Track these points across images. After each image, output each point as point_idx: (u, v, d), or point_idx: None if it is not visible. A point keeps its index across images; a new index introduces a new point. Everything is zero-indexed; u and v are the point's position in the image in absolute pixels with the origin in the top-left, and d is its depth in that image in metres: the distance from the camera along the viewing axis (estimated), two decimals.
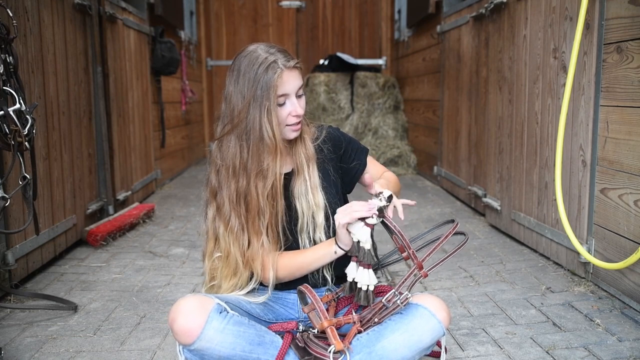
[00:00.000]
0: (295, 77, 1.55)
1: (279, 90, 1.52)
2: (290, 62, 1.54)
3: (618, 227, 2.05)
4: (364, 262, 1.47)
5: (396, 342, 1.40)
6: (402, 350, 1.40)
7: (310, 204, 1.61)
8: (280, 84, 1.52)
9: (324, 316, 1.46)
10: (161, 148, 4.61)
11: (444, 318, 1.44)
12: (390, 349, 1.40)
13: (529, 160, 2.73)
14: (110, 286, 2.36)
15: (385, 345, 1.40)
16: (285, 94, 1.54)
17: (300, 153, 1.62)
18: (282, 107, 1.55)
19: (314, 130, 1.70)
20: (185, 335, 1.37)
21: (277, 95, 1.52)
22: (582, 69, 2.22)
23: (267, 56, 1.53)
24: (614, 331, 1.84)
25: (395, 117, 5.75)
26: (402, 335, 1.41)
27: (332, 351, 1.42)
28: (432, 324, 1.43)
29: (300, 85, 1.57)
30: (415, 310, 1.45)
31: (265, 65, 1.52)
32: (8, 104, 1.72)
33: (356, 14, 6.66)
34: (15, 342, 1.83)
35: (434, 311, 1.44)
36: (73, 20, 2.90)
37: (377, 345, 1.41)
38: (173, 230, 3.27)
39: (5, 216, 2.16)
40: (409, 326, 1.42)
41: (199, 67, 6.28)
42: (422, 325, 1.42)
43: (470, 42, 3.69)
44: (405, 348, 1.40)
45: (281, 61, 1.53)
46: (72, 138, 2.85)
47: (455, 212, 3.65)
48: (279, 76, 1.51)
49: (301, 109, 1.57)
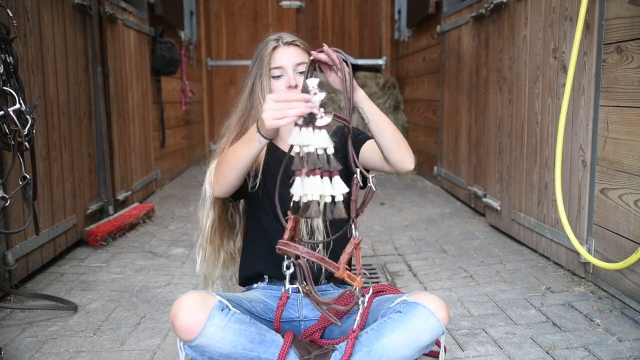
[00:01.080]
0: (293, 53, 1.64)
1: (273, 62, 1.63)
2: (288, 38, 1.65)
3: (618, 227, 2.05)
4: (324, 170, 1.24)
5: (395, 340, 1.40)
6: (402, 349, 1.40)
7: None
8: (275, 57, 1.63)
9: (334, 267, 1.33)
10: (161, 148, 4.61)
11: (444, 317, 1.44)
12: (389, 347, 1.40)
13: (529, 160, 2.73)
14: (110, 286, 2.36)
15: (384, 344, 1.40)
16: (279, 67, 1.63)
17: None
18: (277, 80, 1.64)
19: None
20: (187, 332, 1.37)
21: (270, 67, 1.63)
22: (582, 69, 2.22)
23: (271, 36, 1.67)
24: (614, 331, 1.84)
25: (395, 117, 5.75)
26: (402, 334, 1.41)
27: (357, 290, 1.38)
28: (431, 323, 1.42)
29: (300, 62, 1.63)
30: (415, 308, 1.44)
31: (266, 42, 1.66)
32: (8, 104, 1.72)
33: (356, 14, 6.66)
34: (15, 342, 1.83)
35: (433, 310, 1.44)
36: (73, 20, 2.90)
37: (376, 344, 1.41)
38: (173, 231, 3.27)
39: (5, 216, 2.16)
40: (409, 325, 1.42)
41: (199, 67, 6.28)
42: (422, 324, 1.42)
43: (470, 42, 3.69)
44: (405, 347, 1.40)
45: (281, 39, 1.65)
46: (72, 138, 2.85)
47: (455, 212, 3.65)
48: (274, 49, 1.63)
49: (296, 81, 1.61)
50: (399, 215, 3.61)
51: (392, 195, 4.29)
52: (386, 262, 2.65)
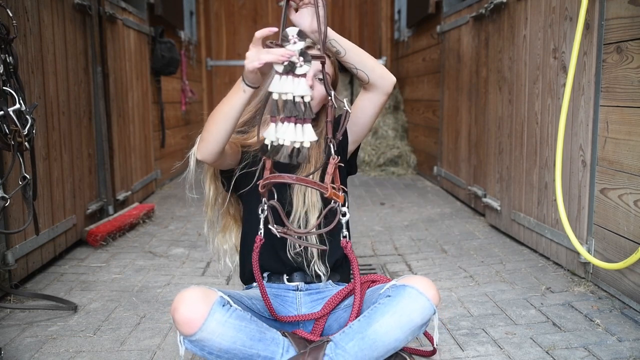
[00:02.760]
0: None
1: None
2: None
3: (618, 227, 2.05)
4: (298, 118, 1.30)
5: (387, 324, 1.41)
6: (395, 332, 1.41)
7: (306, 202, 1.62)
8: None
9: (322, 187, 1.42)
10: (161, 148, 4.61)
11: (433, 296, 1.45)
12: (382, 332, 1.41)
13: (528, 160, 2.73)
14: (110, 286, 2.36)
15: (376, 328, 1.41)
16: None
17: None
18: None
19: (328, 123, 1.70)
20: (187, 326, 1.37)
21: None
22: (582, 69, 2.22)
23: None
24: (613, 331, 1.84)
25: (395, 117, 5.75)
26: (393, 316, 1.42)
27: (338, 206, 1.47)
28: (421, 303, 1.43)
29: None
30: (403, 290, 1.45)
31: None
32: (8, 104, 1.72)
33: (356, 14, 6.66)
34: (15, 342, 1.83)
35: (422, 290, 1.45)
36: (73, 21, 2.90)
37: (368, 329, 1.42)
38: (173, 231, 3.27)
39: (5, 216, 2.16)
40: (398, 307, 1.43)
41: (199, 67, 6.28)
42: (412, 305, 1.43)
43: (470, 42, 3.69)
44: (397, 329, 1.42)
45: None
46: (72, 138, 2.85)
47: (455, 212, 3.65)
48: None
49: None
50: (399, 215, 3.61)
51: (392, 195, 4.29)
52: (386, 262, 2.65)
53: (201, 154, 1.52)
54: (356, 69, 1.54)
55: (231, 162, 1.65)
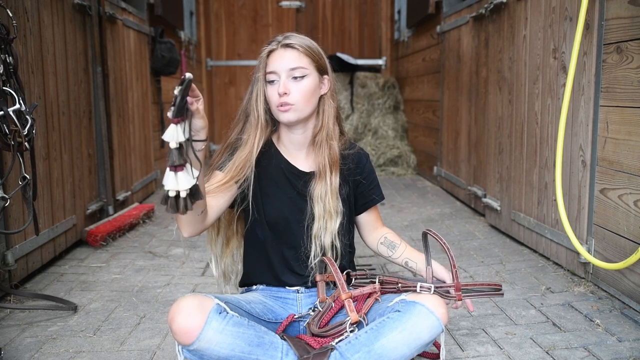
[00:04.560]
0: (288, 57, 1.57)
1: (268, 67, 1.57)
2: (288, 40, 1.58)
3: (618, 227, 2.05)
4: (172, 164, 1.30)
5: (395, 340, 1.40)
6: (401, 349, 1.40)
7: (326, 208, 1.61)
8: (269, 61, 1.57)
9: (342, 289, 1.47)
10: (161, 148, 4.61)
11: (442, 314, 1.44)
12: (389, 347, 1.40)
13: (528, 160, 2.73)
14: (110, 286, 2.36)
15: (384, 343, 1.40)
16: (273, 72, 1.57)
17: (325, 156, 1.62)
18: (270, 85, 1.58)
19: (345, 141, 1.71)
20: (185, 336, 1.36)
21: (265, 71, 1.57)
22: (582, 69, 2.22)
23: (278, 37, 1.61)
24: (613, 331, 1.84)
25: (395, 117, 5.75)
26: (401, 333, 1.41)
27: (349, 322, 1.45)
28: (430, 321, 1.42)
29: (295, 67, 1.56)
30: (414, 307, 1.44)
31: (267, 44, 1.61)
32: (8, 104, 1.72)
33: (356, 14, 6.66)
34: (15, 342, 1.83)
35: (432, 308, 1.44)
36: (73, 21, 2.90)
37: (376, 344, 1.41)
38: (173, 231, 3.25)
39: (5, 216, 2.16)
40: (408, 324, 1.42)
41: (199, 67, 6.28)
42: (421, 323, 1.42)
43: (470, 42, 3.69)
44: (404, 346, 1.40)
45: (279, 40, 1.58)
46: (72, 138, 2.85)
47: (455, 212, 3.65)
48: (269, 53, 1.58)
49: (285, 88, 1.55)
50: (398, 215, 3.61)
51: (392, 195, 4.29)
52: (386, 262, 2.65)
53: (187, 234, 1.51)
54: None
55: (229, 200, 1.61)
